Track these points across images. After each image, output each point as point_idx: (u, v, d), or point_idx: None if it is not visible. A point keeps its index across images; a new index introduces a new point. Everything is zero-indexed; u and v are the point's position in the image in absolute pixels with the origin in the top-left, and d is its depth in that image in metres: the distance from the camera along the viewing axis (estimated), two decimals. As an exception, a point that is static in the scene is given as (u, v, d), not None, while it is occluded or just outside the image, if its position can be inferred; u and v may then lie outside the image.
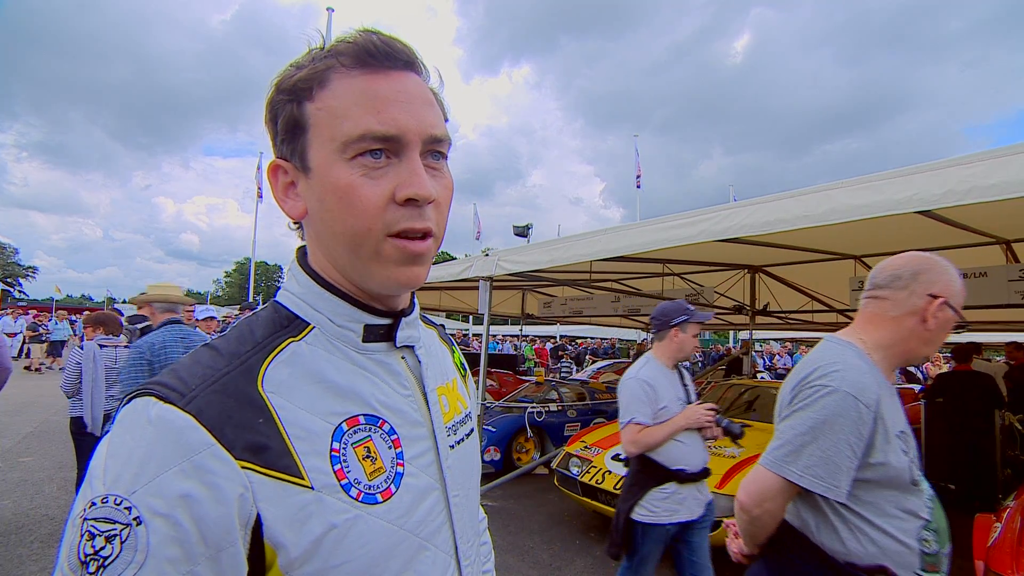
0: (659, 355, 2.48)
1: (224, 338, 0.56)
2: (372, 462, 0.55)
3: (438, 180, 0.56)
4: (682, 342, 2.44)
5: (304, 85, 0.53)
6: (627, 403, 2.35)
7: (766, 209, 3.00)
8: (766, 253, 5.51)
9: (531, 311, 10.07)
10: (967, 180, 2.26)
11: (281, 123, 0.55)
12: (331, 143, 0.52)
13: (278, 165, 0.57)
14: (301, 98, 0.53)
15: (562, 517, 4.57)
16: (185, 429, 0.45)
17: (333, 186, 0.52)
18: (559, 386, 7.30)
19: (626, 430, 2.34)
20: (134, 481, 0.43)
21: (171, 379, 0.49)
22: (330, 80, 0.53)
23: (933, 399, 5.48)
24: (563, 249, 4.34)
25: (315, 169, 0.53)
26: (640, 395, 2.32)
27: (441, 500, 0.62)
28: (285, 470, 0.49)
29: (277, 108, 0.55)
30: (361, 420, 0.56)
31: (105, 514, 0.43)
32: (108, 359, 3.71)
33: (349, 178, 0.51)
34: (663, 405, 2.33)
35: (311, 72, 0.53)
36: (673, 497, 2.29)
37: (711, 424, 2.36)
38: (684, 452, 2.33)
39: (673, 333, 2.44)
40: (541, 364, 15.95)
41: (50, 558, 3.29)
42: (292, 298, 0.60)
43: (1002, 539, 2.37)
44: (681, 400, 2.41)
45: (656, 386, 2.34)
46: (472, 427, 0.74)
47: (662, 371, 2.43)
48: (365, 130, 0.51)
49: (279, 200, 0.58)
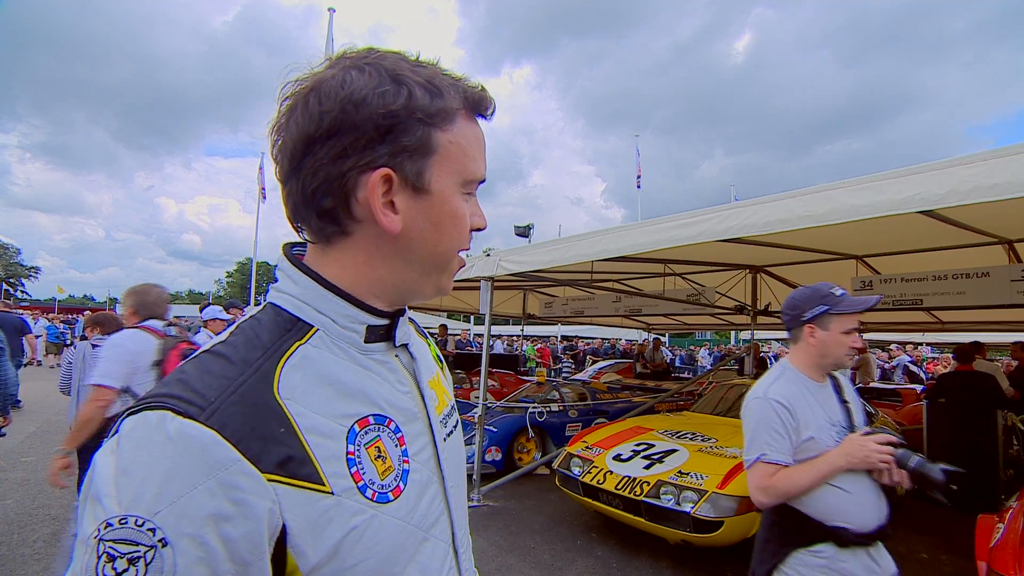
0: (797, 362, 1.75)
1: (229, 344, 0.53)
2: (383, 462, 0.56)
3: None
4: (824, 344, 1.68)
5: (438, 115, 0.57)
6: (753, 433, 1.66)
7: (767, 209, 3.00)
8: (768, 253, 5.50)
9: (532, 311, 10.07)
10: (969, 180, 2.25)
11: (408, 139, 0.55)
12: (456, 176, 0.59)
13: (389, 176, 0.55)
14: (436, 125, 0.56)
15: (563, 517, 4.57)
16: (210, 445, 0.44)
17: (452, 212, 0.59)
18: (560, 386, 7.29)
19: (753, 472, 1.65)
20: (157, 501, 0.42)
21: (185, 391, 0.47)
22: (456, 118, 0.58)
23: (935, 399, 5.47)
24: (564, 249, 4.34)
25: (436, 193, 0.58)
26: (771, 422, 1.62)
27: (440, 492, 0.63)
28: (307, 478, 0.48)
29: (403, 121, 0.54)
30: (371, 420, 0.57)
31: (125, 536, 0.41)
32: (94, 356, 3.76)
33: (462, 207, 0.60)
34: (808, 435, 1.62)
35: (449, 105, 0.57)
36: (833, 566, 1.56)
37: (888, 465, 1.54)
38: (848, 503, 1.58)
39: (808, 332, 1.71)
40: (543, 364, 15.93)
41: (52, 558, 3.30)
42: (291, 300, 0.58)
43: (1005, 540, 2.36)
44: (836, 427, 1.66)
45: (795, 408, 1.63)
46: (457, 419, 0.75)
47: (804, 386, 1.69)
48: (481, 176, 0.62)
49: (378, 210, 0.55)
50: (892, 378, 13.38)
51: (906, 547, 4.06)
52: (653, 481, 3.58)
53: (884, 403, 7.78)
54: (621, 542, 4.04)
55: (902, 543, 4.13)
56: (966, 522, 2.75)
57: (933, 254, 5.02)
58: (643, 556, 3.80)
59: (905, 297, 4.87)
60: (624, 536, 4.10)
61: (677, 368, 15.98)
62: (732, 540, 3.31)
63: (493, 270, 4.80)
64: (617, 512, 3.75)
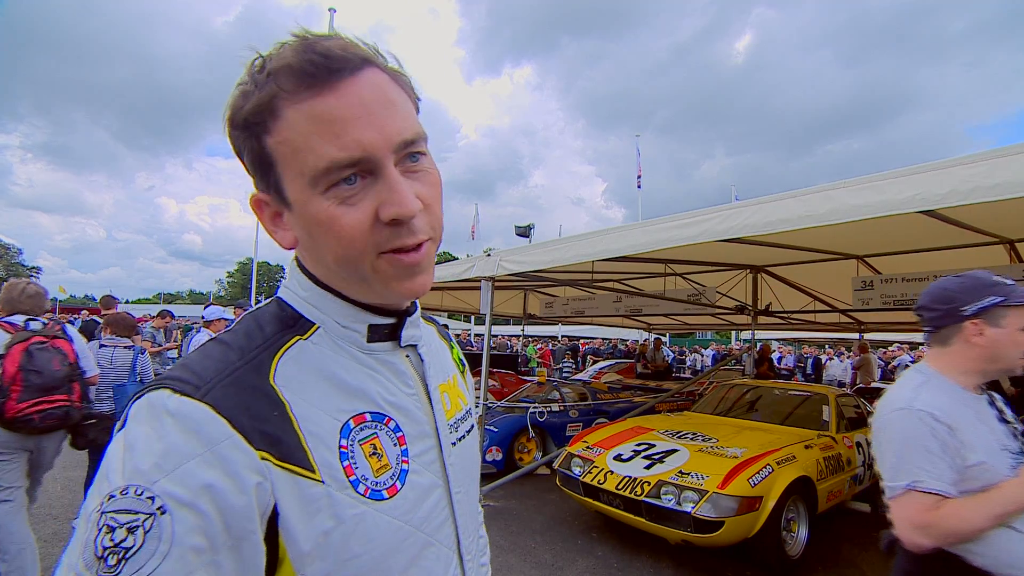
0: (947, 368, 1.38)
1: (232, 332, 0.56)
2: (378, 459, 0.56)
3: (422, 180, 0.54)
4: (996, 344, 1.32)
5: (255, 119, 0.50)
6: (899, 454, 1.29)
7: (768, 209, 3.00)
8: (768, 253, 5.50)
9: (533, 311, 10.07)
10: (970, 180, 2.25)
11: (248, 160, 0.53)
12: (301, 178, 0.50)
13: (260, 199, 0.56)
14: (258, 132, 0.51)
15: (564, 517, 4.57)
16: (205, 420, 0.45)
17: (314, 219, 0.51)
18: (561, 386, 7.29)
19: (904, 504, 1.26)
20: (156, 471, 0.43)
21: (184, 373, 0.49)
22: (279, 109, 0.49)
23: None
24: (565, 249, 4.34)
25: (294, 203, 0.52)
26: (924, 440, 1.25)
27: (444, 497, 0.62)
28: (298, 463, 0.49)
29: (239, 144, 0.53)
30: (367, 417, 0.56)
31: (126, 505, 0.42)
32: (104, 359, 3.79)
33: (327, 211, 0.50)
34: (976, 460, 1.24)
35: (257, 105, 0.50)
36: None
37: None
38: None
39: (972, 329, 1.33)
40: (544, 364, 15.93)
41: (54, 557, 3.30)
42: (296, 298, 0.59)
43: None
44: (1009, 451, 1.29)
45: (957, 426, 1.25)
46: (472, 424, 0.74)
47: (959, 397, 1.33)
48: (329, 162, 0.48)
49: (270, 232, 0.57)
50: (893, 378, 13.39)
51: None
52: (654, 481, 3.58)
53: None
54: (622, 542, 4.04)
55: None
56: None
57: (934, 254, 5.02)
58: (644, 556, 3.80)
59: (906, 297, 4.87)
60: (625, 536, 4.10)
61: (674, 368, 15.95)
62: (733, 540, 3.30)
63: (494, 270, 4.80)
64: (618, 512, 3.75)
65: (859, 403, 5.27)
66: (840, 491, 4.17)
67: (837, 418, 4.61)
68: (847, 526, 4.46)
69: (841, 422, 4.65)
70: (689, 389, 8.22)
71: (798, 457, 3.79)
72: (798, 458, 3.78)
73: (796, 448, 3.90)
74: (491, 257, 4.88)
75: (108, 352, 3.86)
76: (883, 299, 5.05)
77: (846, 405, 4.99)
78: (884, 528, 1.38)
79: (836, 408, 4.71)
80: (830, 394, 4.95)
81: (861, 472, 4.47)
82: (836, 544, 4.09)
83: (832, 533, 4.26)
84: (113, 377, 3.81)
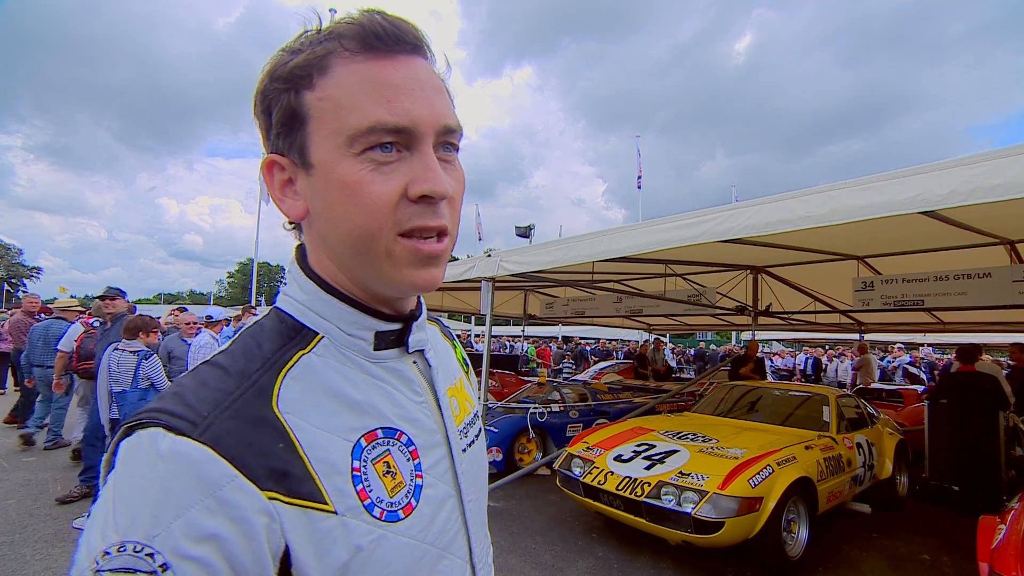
0: None
1: (229, 354, 0.51)
2: (392, 477, 0.52)
3: (451, 174, 0.52)
4: None
5: (302, 72, 0.48)
6: None
7: (769, 210, 3.00)
8: (768, 254, 5.51)
9: (533, 311, 10.08)
10: (971, 180, 2.25)
11: (277, 115, 0.50)
12: (337, 136, 0.48)
13: (274, 161, 0.52)
14: (299, 87, 0.48)
15: (564, 518, 4.56)
16: (203, 462, 0.41)
17: (340, 182, 0.48)
18: (561, 387, 7.29)
19: None
20: (153, 524, 0.39)
21: (178, 406, 0.44)
22: (331, 66, 0.48)
23: (937, 400, 5.46)
24: (565, 250, 4.34)
25: (318, 165, 0.49)
26: None
27: (457, 507, 0.60)
28: (308, 496, 0.46)
29: (270, 98, 0.50)
30: (379, 434, 0.53)
31: (123, 564, 0.38)
32: (113, 361, 3.80)
33: (358, 174, 0.47)
34: None
35: (310, 57, 0.48)
36: None
37: None
38: None
39: None
40: (544, 365, 15.92)
41: (54, 558, 3.30)
42: (296, 305, 0.55)
43: (1006, 541, 2.36)
44: None
45: None
46: (480, 427, 0.71)
47: None
48: (375, 121, 0.47)
49: (277, 199, 0.53)
50: (893, 379, 13.37)
51: (908, 548, 4.05)
52: (654, 482, 3.58)
53: (885, 404, 7.76)
54: (622, 543, 4.03)
55: (904, 544, 4.13)
56: (968, 523, 2.74)
57: (934, 255, 5.02)
58: (644, 557, 3.80)
59: (906, 298, 4.87)
60: (625, 537, 4.09)
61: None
62: (733, 541, 3.30)
63: (494, 270, 4.80)
64: (618, 513, 3.74)
65: (859, 404, 5.27)
66: (840, 492, 4.16)
67: (837, 419, 4.61)
68: (847, 527, 4.45)
69: (841, 423, 4.64)
70: (689, 390, 8.22)
71: (798, 458, 3.79)
72: (798, 459, 3.77)
73: (796, 449, 3.90)
74: (491, 258, 4.88)
75: (118, 356, 3.84)
76: (883, 300, 5.05)
77: (846, 406, 4.99)
78: (884, 529, 1.29)
79: (836, 409, 4.70)
80: (830, 395, 4.95)
81: (862, 473, 4.46)
82: (836, 545, 4.09)
83: (832, 534, 4.26)
84: (119, 383, 3.81)
